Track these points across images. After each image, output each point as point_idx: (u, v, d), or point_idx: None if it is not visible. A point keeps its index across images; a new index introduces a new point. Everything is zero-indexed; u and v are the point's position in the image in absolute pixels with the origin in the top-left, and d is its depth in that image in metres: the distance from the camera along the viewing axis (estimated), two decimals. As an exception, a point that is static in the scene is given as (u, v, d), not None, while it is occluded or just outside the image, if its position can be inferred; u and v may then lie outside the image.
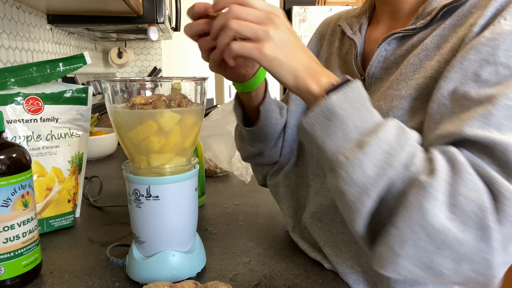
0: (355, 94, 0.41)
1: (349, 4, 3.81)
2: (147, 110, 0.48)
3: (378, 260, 0.41)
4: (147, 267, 0.52)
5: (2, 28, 1.15)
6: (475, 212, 0.36)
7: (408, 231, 0.37)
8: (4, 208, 0.50)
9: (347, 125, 0.40)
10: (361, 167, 0.39)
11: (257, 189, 0.94)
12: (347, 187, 0.39)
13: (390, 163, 0.39)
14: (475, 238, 0.36)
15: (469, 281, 0.39)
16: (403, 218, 0.38)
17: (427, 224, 0.37)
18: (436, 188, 0.37)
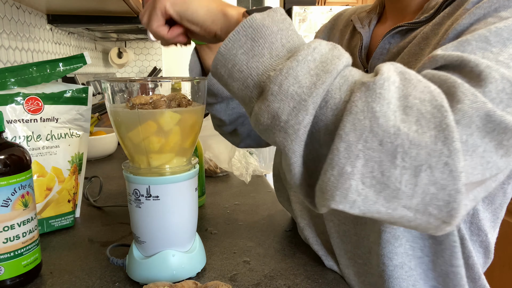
0: (280, 16, 0.39)
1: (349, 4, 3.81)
2: (147, 110, 0.48)
3: (322, 192, 0.35)
4: (147, 267, 0.52)
5: (2, 28, 1.15)
6: (430, 111, 0.32)
7: (357, 140, 0.32)
8: (4, 208, 0.50)
9: (274, 44, 0.37)
10: (293, 76, 0.35)
11: (257, 189, 0.94)
12: (280, 104, 0.35)
13: (326, 70, 0.35)
14: (433, 139, 0.32)
15: (429, 212, 0.34)
16: (349, 127, 0.33)
17: (379, 128, 0.32)
18: (384, 88, 0.33)
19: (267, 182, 1.01)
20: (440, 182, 0.32)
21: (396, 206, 0.34)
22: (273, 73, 0.36)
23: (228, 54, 0.38)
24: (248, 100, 0.38)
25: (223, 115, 0.69)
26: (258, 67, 0.37)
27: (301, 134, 0.35)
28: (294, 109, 0.35)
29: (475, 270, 0.51)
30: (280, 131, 0.36)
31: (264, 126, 0.37)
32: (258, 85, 0.37)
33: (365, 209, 0.34)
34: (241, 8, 0.43)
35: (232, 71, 0.38)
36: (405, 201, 0.33)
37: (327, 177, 0.34)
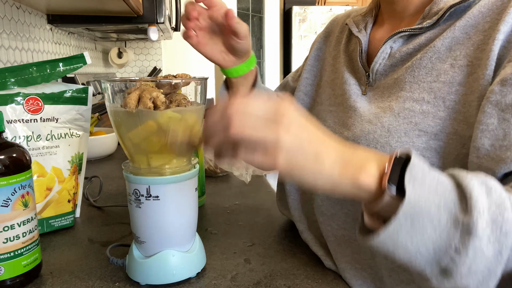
0: (420, 171, 0.35)
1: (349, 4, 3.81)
2: (147, 110, 0.48)
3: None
4: (147, 267, 0.52)
5: (2, 28, 1.15)
6: None
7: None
8: (4, 208, 0.50)
9: (432, 213, 0.34)
10: (479, 254, 0.33)
11: (257, 189, 0.94)
12: (469, 280, 0.34)
13: (505, 231, 0.33)
14: None
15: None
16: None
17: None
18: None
19: (267, 182, 1.01)
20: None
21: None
22: (455, 255, 0.33)
23: (389, 241, 0.35)
24: (419, 271, 0.36)
25: None
26: (426, 244, 0.34)
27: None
28: (484, 279, 0.34)
29: None
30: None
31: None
32: (436, 263, 0.34)
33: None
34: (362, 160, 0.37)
35: (395, 251, 0.35)
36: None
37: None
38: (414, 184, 0.34)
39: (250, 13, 3.80)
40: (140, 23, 1.68)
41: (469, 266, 0.33)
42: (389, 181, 0.35)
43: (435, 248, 0.34)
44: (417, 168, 0.35)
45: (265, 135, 0.35)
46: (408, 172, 0.34)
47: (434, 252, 0.34)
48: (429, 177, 0.35)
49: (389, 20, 0.59)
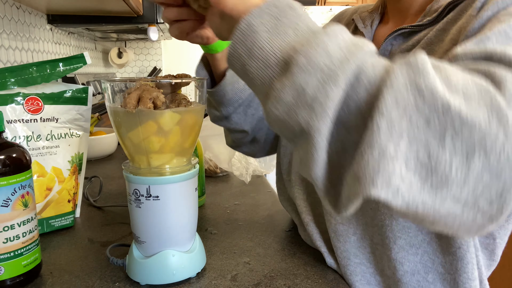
0: (301, 7, 0.37)
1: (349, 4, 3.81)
2: (147, 110, 0.48)
3: (357, 180, 0.31)
4: (147, 267, 0.52)
5: (2, 28, 1.15)
6: (477, 92, 0.30)
7: (400, 118, 0.29)
8: (4, 208, 0.50)
9: (299, 25, 0.35)
10: (323, 48, 0.32)
11: (257, 189, 0.94)
12: (307, 76, 0.32)
13: (358, 46, 0.32)
14: (486, 119, 0.29)
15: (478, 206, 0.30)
16: (391, 103, 0.29)
17: (425, 105, 0.29)
18: (426, 65, 0.30)
19: (267, 182, 1.01)
20: (495, 169, 0.29)
21: (444, 198, 0.30)
22: (299, 46, 0.33)
23: (249, 31, 0.35)
24: (268, 79, 0.35)
25: (244, 125, 0.67)
26: (282, 45, 0.34)
27: (329, 110, 0.31)
28: (323, 83, 0.31)
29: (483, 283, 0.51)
30: (304, 108, 0.32)
31: (284, 107, 0.33)
32: (282, 60, 0.34)
33: (410, 199, 0.30)
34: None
35: (252, 49, 0.35)
36: (455, 191, 0.29)
37: (364, 159, 0.30)
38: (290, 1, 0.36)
39: (250, 13, 3.79)
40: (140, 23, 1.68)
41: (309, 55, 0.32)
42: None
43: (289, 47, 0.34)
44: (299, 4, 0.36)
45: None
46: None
47: (283, 51, 0.34)
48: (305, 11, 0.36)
49: (394, 18, 0.60)
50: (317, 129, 0.32)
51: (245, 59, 0.36)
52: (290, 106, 0.33)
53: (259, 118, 0.68)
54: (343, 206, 0.33)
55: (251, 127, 0.68)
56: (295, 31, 0.34)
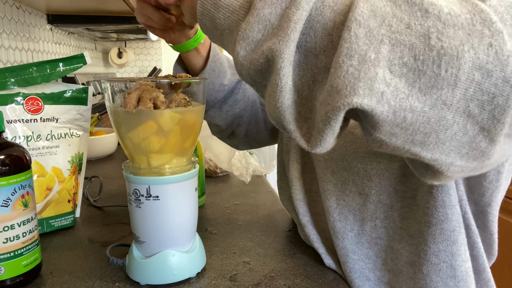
0: None
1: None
2: (147, 110, 0.48)
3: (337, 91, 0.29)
4: (147, 267, 0.52)
5: (2, 28, 1.15)
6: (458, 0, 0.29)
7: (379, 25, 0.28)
8: (4, 208, 0.50)
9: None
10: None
11: (257, 189, 0.94)
12: (271, 8, 0.32)
13: None
14: (469, 21, 0.28)
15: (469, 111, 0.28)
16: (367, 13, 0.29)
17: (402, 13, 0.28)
18: None
19: (267, 182, 1.01)
20: (486, 66, 0.27)
21: (434, 101, 0.28)
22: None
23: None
24: (235, 24, 0.35)
25: (218, 120, 0.69)
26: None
27: (292, 33, 0.30)
28: (285, 9, 0.31)
29: (479, 262, 0.51)
30: (269, 38, 0.32)
31: (252, 45, 0.33)
32: (245, 1, 0.34)
33: (396, 105, 0.28)
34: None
35: (217, 0, 0.36)
36: (446, 92, 0.28)
37: (344, 69, 0.28)
38: None
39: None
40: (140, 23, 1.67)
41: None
42: None
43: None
44: None
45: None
46: None
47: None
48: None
49: None
50: (279, 53, 0.31)
51: (213, 12, 0.36)
52: (257, 42, 0.33)
53: (234, 115, 0.70)
54: (318, 136, 0.31)
55: (225, 122, 0.70)
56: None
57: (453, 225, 0.47)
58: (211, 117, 0.69)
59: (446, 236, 0.47)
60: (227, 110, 0.68)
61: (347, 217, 0.53)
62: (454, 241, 0.47)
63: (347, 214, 0.53)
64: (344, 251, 0.54)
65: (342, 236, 0.54)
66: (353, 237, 0.53)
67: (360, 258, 0.53)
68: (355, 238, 0.53)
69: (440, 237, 0.47)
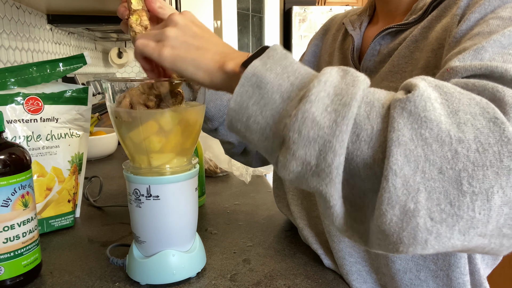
0: (280, 54, 0.36)
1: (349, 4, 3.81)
2: (147, 110, 0.48)
3: (385, 235, 0.32)
4: (147, 267, 0.52)
5: (2, 28, 1.15)
6: (486, 126, 0.30)
7: (413, 173, 0.29)
8: (4, 208, 0.50)
9: (283, 86, 0.34)
10: (310, 119, 0.32)
11: (257, 189, 0.94)
12: (305, 150, 0.32)
13: (344, 103, 0.32)
14: (497, 156, 0.29)
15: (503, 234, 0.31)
16: (402, 160, 0.29)
17: (434, 155, 0.29)
18: (427, 109, 0.30)
19: (267, 182, 1.01)
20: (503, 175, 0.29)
21: (472, 237, 0.30)
22: (288, 120, 0.33)
23: (240, 109, 0.35)
24: (271, 150, 0.36)
25: (229, 137, 0.70)
26: (273, 115, 0.34)
27: (335, 176, 0.32)
28: (321, 153, 0.32)
29: (475, 277, 0.51)
30: (312, 176, 0.33)
31: (294, 174, 0.34)
32: (278, 134, 0.34)
33: (440, 247, 0.31)
34: (239, 55, 0.40)
35: (248, 124, 0.36)
36: (481, 229, 0.30)
37: (388, 218, 0.30)
38: (266, 59, 0.35)
39: (250, 13, 3.80)
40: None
41: (299, 130, 0.32)
42: (246, 62, 0.36)
43: (279, 118, 0.34)
44: (276, 49, 0.36)
45: (158, 31, 0.44)
46: (265, 52, 0.36)
47: (276, 123, 0.34)
48: (286, 56, 0.36)
49: (383, 19, 0.61)
50: (330, 194, 0.33)
51: (245, 133, 0.37)
52: (298, 175, 0.34)
53: None
54: (373, 246, 0.34)
55: (237, 139, 0.71)
56: (280, 95, 0.34)
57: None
58: (223, 135, 0.70)
59: None
60: None
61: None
62: (452, 253, 0.47)
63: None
64: (341, 254, 0.54)
65: (338, 239, 0.54)
66: (349, 240, 0.53)
67: (356, 261, 0.53)
68: (351, 241, 0.53)
69: None
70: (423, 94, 0.30)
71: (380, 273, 0.53)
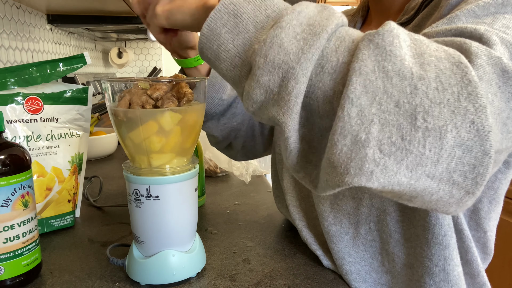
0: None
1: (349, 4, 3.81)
2: (148, 109, 0.48)
3: (333, 167, 0.31)
4: (147, 267, 0.52)
5: (2, 28, 1.15)
6: (449, 68, 0.30)
7: (370, 104, 0.29)
8: (4, 208, 0.50)
9: (259, 17, 0.34)
10: (278, 44, 0.31)
11: (257, 189, 0.94)
12: (269, 76, 0.32)
13: (314, 32, 0.31)
14: (456, 96, 0.29)
15: (453, 180, 0.30)
16: (360, 89, 0.29)
17: (393, 88, 0.29)
18: (394, 45, 0.30)
19: (267, 182, 1.01)
20: (467, 143, 0.29)
21: (419, 175, 0.30)
22: (257, 46, 0.33)
23: (212, 35, 0.35)
24: (238, 80, 0.36)
25: (215, 131, 0.71)
26: (244, 43, 0.34)
27: (293, 105, 0.32)
28: (283, 79, 0.32)
29: (473, 266, 0.51)
30: (273, 105, 0.33)
31: (257, 104, 0.34)
32: (246, 62, 0.34)
33: (385, 181, 0.30)
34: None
35: (218, 52, 0.36)
36: (430, 168, 0.30)
37: (338, 148, 0.30)
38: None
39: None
40: (140, 23, 1.68)
41: (265, 54, 0.32)
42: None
43: (249, 46, 0.34)
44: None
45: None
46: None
47: (246, 51, 0.34)
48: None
49: (377, 19, 0.61)
50: (285, 124, 0.32)
51: (214, 62, 0.37)
52: (261, 104, 0.34)
53: (231, 128, 0.71)
54: (322, 189, 0.35)
55: (222, 134, 0.71)
56: (255, 25, 0.34)
57: (445, 230, 0.47)
58: (209, 128, 0.71)
59: (438, 240, 0.47)
60: (225, 123, 0.70)
61: (342, 220, 0.54)
62: (447, 246, 0.47)
63: (341, 217, 0.54)
64: (340, 254, 0.54)
65: (338, 239, 0.54)
66: (349, 240, 0.54)
67: (356, 261, 0.54)
68: (351, 241, 0.53)
69: (432, 241, 0.47)
70: (392, 30, 0.31)
71: (380, 272, 0.53)
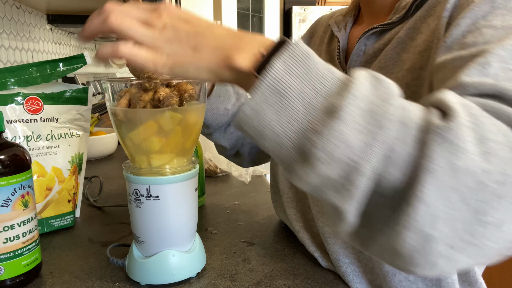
0: (300, 51, 0.32)
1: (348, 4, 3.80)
2: (148, 109, 0.48)
3: (397, 254, 0.31)
4: (147, 267, 0.52)
5: (2, 28, 1.15)
6: (506, 145, 0.29)
7: (440, 202, 0.28)
8: (4, 208, 0.50)
9: (306, 93, 0.31)
10: (341, 140, 0.29)
11: (257, 189, 0.94)
12: (331, 169, 0.30)
13: (379, 124, 0.29)
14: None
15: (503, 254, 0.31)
16: (432, 189, 0.28)
17: (464, 187, 0.28)
18: (460, 137, 0.29)
19: (267, 182, 1.01)
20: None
21: (477, 261, 0.31)
22: (315, 138, 0.30)
23: (256, 115, 0.32)
24: (285, 159, 0.33)
25: (222, 141, 0.72)
26: (293, 125, 0.31)
27: (358, 197, 0.30)
28: (348, 173, 0.30)
29: (470, 274, 0.51)
30: (332, 191, 0.31)
31: (311, 186, 0.32)
32: (298, 147, 0.31)
33: (449, 269, 0.32)
34: (247, 45, 0.35)
35: (262, 131, 0.32)
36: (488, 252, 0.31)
37: (404, 240, 0.30)
38: (287, 59, 0.31)
39: (250, 13, 3.80)
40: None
41: (326, 148, 0.29)
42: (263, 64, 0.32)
43: (301, 131, 0.31)
44: (298, 44, 0.32)
45: (143, 31, 0.36)
46: (284, 48, 0.32)
47: (297, 135, 0.31)
48: (308, 54, 0.32)
49: (368, 19, 0.61)
50: (345, 210, 0.31)
51: (257, 139, 0.34)
52: (317, 187, 0.32)
53: (238, 137, 0.72)
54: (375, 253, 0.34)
55: (229, 143, 0.73)
56: (303, 104, 0.31)
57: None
58: (217, 138, 0.72)
59: None
60: (231, 132, 0.71)
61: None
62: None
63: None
64: (336, 255, 0.54)
65: (333, 240, 0.54)
66: (343, 241, 0.54)
67: (351, 262, 0.54)
68: (345, 243, 0.53)
69: None
70: (458, 120, 0.29)
71: (375, 273, 0.53)
